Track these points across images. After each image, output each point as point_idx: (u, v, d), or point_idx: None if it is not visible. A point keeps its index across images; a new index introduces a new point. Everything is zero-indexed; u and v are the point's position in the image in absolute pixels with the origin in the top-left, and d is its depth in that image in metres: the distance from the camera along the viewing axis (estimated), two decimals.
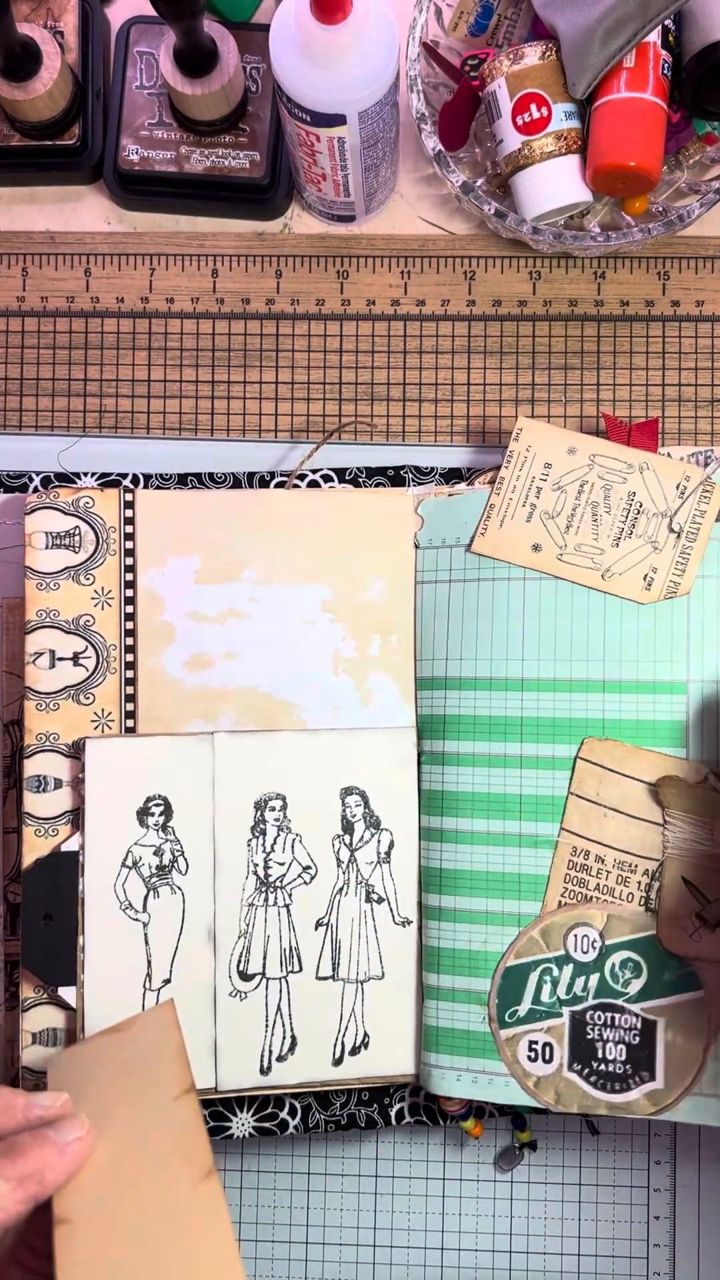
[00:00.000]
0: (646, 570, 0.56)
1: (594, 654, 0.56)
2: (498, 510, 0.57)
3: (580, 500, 0.57)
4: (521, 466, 0.57)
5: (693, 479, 0.56)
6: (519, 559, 0.57)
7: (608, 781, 0.55)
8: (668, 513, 0.56)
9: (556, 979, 0.55)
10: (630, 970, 0.54)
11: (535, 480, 0.57)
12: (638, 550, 0.56)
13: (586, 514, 0.57)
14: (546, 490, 0.57)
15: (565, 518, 0.57)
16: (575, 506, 0.57)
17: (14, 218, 0.66)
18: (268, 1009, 0.57)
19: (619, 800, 0.54)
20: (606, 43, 0.56)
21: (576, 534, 0.57)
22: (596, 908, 0.55)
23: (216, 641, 0.59)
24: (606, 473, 0.57)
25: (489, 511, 0.57)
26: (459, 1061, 0.56)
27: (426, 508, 0.59)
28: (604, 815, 0.55)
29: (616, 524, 0.56)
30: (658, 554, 0.56)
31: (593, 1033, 0.54)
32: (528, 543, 0.57)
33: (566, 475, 0.57)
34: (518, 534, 0.57)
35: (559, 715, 0.56)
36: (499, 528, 0.57)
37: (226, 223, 0.66)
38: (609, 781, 0.55)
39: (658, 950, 0.54)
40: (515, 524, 0.57)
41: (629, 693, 0.55)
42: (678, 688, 0.55)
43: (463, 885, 0.56)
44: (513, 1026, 0.55)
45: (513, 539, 0.57)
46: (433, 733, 0.58)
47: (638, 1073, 0.54)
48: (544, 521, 0.57)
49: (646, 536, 0.56)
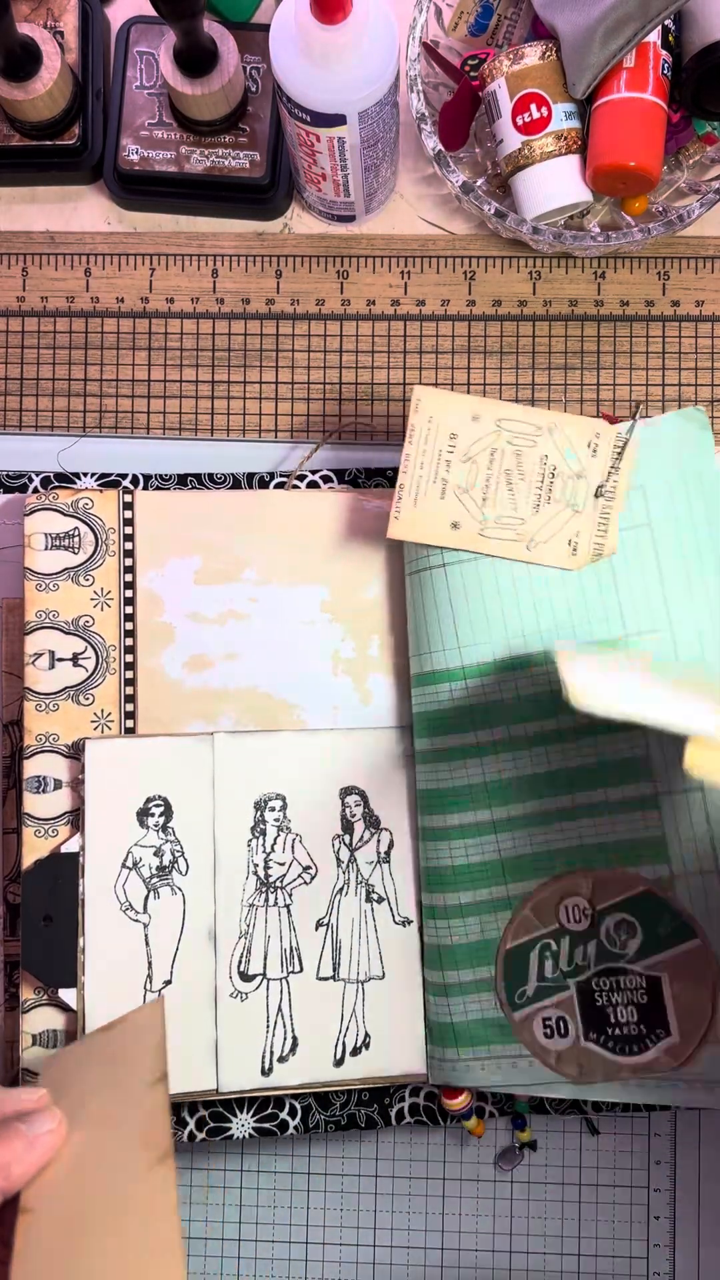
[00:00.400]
0: (570, 535, 0.54)
1: (546, 626, 0.55)
2: (408, 490, 0.54)
3: (493, 469, 0.54)
4: (425, 440, 0.54)
5: (603, 436, 0.54)
6: (438, 539, 0.55)
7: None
8: (582, 473, 0.54)
9: (556, 953, 0.55)
10: (625, 931, 0.54)
11: (442, 454, 0.54)
12: (558, 516, 0.54)
13: (501, 483, 0.54)
14: (456, 463, 0.54)
15: (480, 490, 0.54)
16: (489, 477, 0.54)
17: (14, 218, 0.66)
18: (268, 1010, 0.57)
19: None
20: (606, 43, 0.56)
21: (494, 506, 0.54)
22: (583, 875, 0.54)
23: (216, 642, 0.59)
24: (515, 437, 0.54)
25: (399, 493, 0.55)
26: (478, 1051, 0.56)
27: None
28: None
29: (533, 490, 0.54)
30: (579, 517, 0.54)
31: (601, 999, 0.54)
32: (445, 521, 0.54)
33: (475, 445, 0.54)
34: (433, 513, 0.55)
35: (506, 699, 0.55)
36: (413, 508, 0.54)
37: (226, 223, 0.66)
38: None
39: (649, 906, 0.54)
40: (429, 502, 0.55)
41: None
42: (612, 645, 0.54)
43: (461, 879, 0.56)
44: (524, 1007, 0.55)
45: (429, 519, 0.55)
46: (433, 730, 0.58)
47: (652, 1031, 0.54)
48: (458, 496, 0.54)
49: (565, 500, 0.54)
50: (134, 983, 0.56)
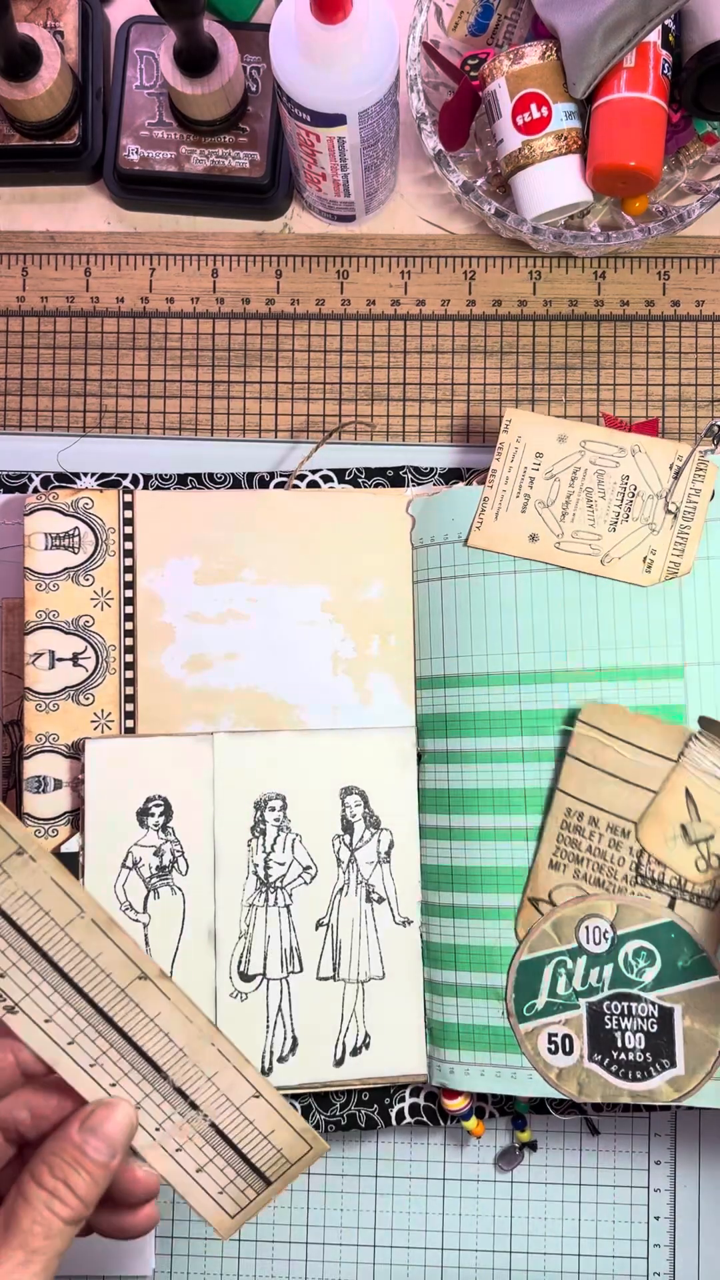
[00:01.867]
0: (645, 553, 0.56)
1: (589, 643, 0.56)
2: (491, 503, 0.57)
3: (574, 487, 0.56)
4: (513, 458, 0.57)
5: (685, 457, 0.56)
6: (516, 550, 0.57)
7: (606, 746, 0.55)
8: (662, 493, 0.56)
9: (571, 971, 0.55)
10: (644, 959, 0.54)
11: (528, 470, 0.57)
12: (635, 533, 0.56)
13: (581, 500, 0.56)
14: (539, 480, 0.57)
15: (560, 505, 0.56)
16: (570, 494, 0.56)
17: (14, 218, 0.66)
18: (268, 1010, 0.57)
19: (615, 765, 0.54)
20: (606, 42, 0.56)
21: (573, 521, 0.56)
22: (606, 899, 0.55)
23: (216, 642, 0.59)
24: (599, 458, 0.56)
25: (483, 505, 0.57)
26: (480, 1056, 0.56)
27: (416, 507, 0.59)
28: (600, 779, 0.55)
29: (612, 509, 0.56)
30: (656, 535, 0.56)
31: (611, 1023, 0.54)
32: (524, 533, 0.57)
33: (559, 463, 0.57)
34: (514, 525, 0.57)
35: (557, 707, 0.56)
36: (494, 520, 0.57)
37: (226, 223, 0.66)
38: (607, 746, 0.55)
39: (670, 938, 0.54)
40: (510, 515, 0.57)
41: (625, 680, 0.55)
42: (674, 672, 0.55)
43: (473, 881, 0.56)
44: (531, 1020, 0.55)
45: (509, 531, 0.57)
46: (434, 731, 0.58)
47: (658, 1060, 0.54)
48: (539, 511, 0.56)
49: (643, 519, 0.56)
50: None
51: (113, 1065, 0.43)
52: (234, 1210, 0.44)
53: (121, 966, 0.43)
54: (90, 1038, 0.43)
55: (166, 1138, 0.43)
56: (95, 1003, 0.43)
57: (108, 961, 0.43)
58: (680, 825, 0.53)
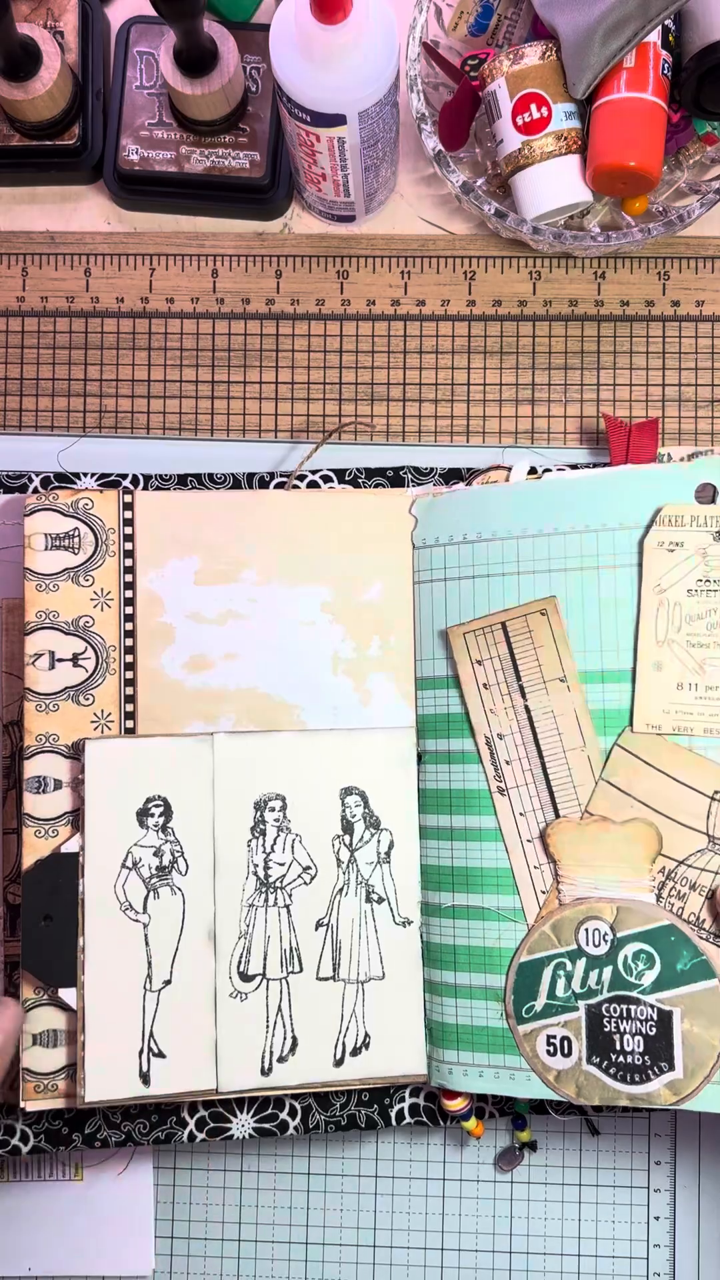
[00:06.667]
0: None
1: (590, 645, 0.56)
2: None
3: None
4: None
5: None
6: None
7: (641, 774, 0.54)
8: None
9: (570, 973, 0.55)
10: (643, 962, 0.54)
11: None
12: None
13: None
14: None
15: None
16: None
17: (14, 218, 0.66)
18: (268, 1010, 0.57)
19: (647, 794, 0.54)
20: (606, 43, 0.56)
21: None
22: (605, 901, 0.55)
23: (216, 642, 0.59)
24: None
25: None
26: (479, 1057, 0.56)
27: (419, 508, 0.59)
28: (630, 806, 0.54)
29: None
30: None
31: (609, 1025, 0.54)
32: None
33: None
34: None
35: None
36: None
37: (226, 223, 0.66)
38: (642, 774, 0.54)
39: (670, 941, 0.54)
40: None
41: (626, 682, 0.55)
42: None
43: (473, 881, 0.56)
44: (530, 1022, 0.55)
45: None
46: (434, 731, 0.58)
47: (656, 1063, 0.54)
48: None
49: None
50: (134, 983, 0.56)
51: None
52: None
53: (584, 787, 0.55)
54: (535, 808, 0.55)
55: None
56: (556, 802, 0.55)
57: (579, 779, 0.55)
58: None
